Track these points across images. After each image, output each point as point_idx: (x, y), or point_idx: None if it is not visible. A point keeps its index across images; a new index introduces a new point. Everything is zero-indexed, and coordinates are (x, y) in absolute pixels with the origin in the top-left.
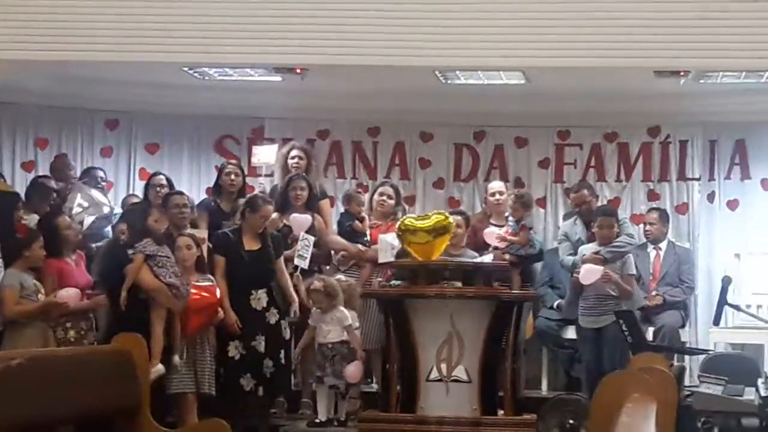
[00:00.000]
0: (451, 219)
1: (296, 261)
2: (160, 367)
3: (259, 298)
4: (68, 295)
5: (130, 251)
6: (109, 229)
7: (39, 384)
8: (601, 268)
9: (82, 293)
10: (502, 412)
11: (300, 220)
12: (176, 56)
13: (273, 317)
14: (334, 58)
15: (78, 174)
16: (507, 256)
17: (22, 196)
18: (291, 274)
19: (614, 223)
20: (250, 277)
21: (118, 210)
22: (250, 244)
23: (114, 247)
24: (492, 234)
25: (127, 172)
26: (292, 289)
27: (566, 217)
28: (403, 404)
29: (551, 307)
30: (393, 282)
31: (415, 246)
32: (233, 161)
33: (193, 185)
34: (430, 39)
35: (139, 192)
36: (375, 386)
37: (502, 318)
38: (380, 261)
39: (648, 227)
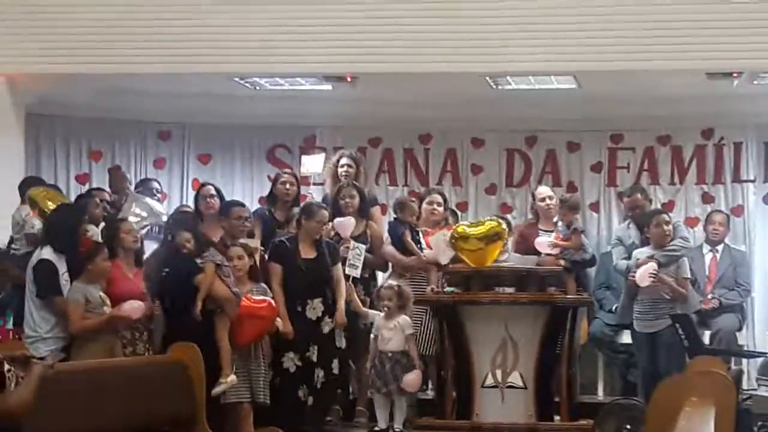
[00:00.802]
0: (504, 225)
1: (348, 270)
2: (233, 378)
3: (315, 308)
4: (131, 308)
5: (198, 260)
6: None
7: (96, 394)
8: (654, 264)
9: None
10: (558, 418)
11: (343, 223)
12: (228, 67)
13: (327, 326)
14: (385, 66)
15: (133, 186)
16: (562, 262)
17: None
18: None
19: (669, 222)
20: (307, 287)
21: None
22: (307, 253)
23: (176, 256)
24: (544, 243)
25: (180, 183)
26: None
27: (623, 220)
28: (458, 411)
29: (610, 310)
30: (446, 289)
31: (468, 253)
32: (288, 170)
33: (246, 195)
34: (480, 45)
35: (191, 203)
36: (430, 393)
37: (557, 323)
38: (443, 262)
39: (715, 229)
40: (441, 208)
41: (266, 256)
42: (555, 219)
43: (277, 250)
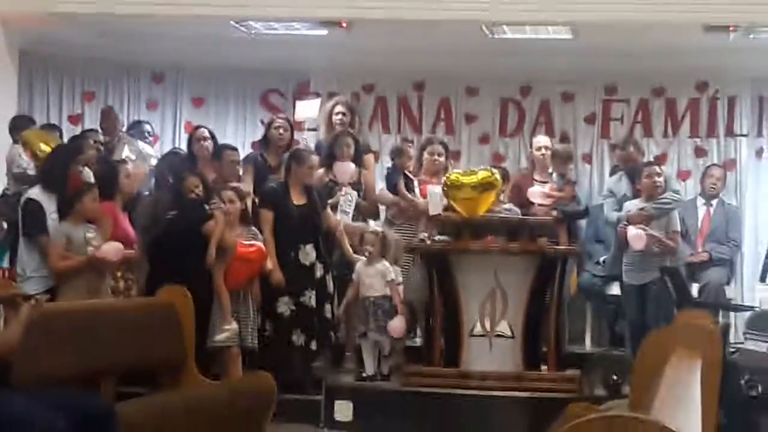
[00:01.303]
0: (498, 175)
1: (339, 215)
2: (235, 326)
3: (308, 253)
4: (109, 249)
5: (206, 207)
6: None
7: (84, 335)
8: (645, 234)
9: (131, 245)
10: (545, 367)
11: (345, 168)
12: (223, 10)
13: (319, 271)
14: (380, 12)
15: (125, 127)
16: (554, 213)
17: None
18: None
19: (660, 174)
20: (299, 232)
21: None
22: (298, 198)
23: (183, 200)
24: (537, 193)
25: (173, 125)
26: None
27: (612, 172)
28: (446, 359)
29: (597, 263)
30: (436, 237)
31: (461, 202)
32: (282, 115)
33: (239, 139)
34: None
35: (185, 145)
36: (418, 341)
37: (547, 274)
38: (431, 213)
39: (713, 184)
40: (442, 158)
41: (256, 201)
42: (550, 170)
43: (267, 195)
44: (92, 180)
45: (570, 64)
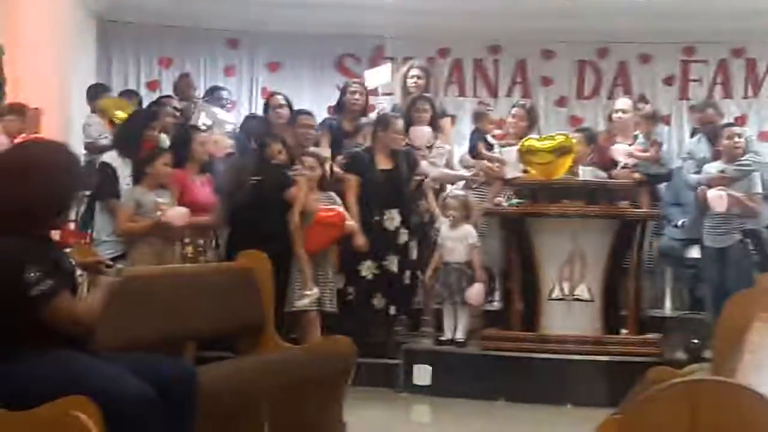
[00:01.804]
0: (575, 138)
1: (426, 168)
2: (316, 291)
3: (392, 218)
4: (174, 214)
5: (289, 172)
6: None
7: (165, 301)
8: (726, 195)
9: (203, 211)
10: (625, 331)
11: (421, 133)
12: None
13: (403, 237)
14: None
15: (201, 93)
16: (636, 175)
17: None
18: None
19: (740, 135)
20: (384, 197)
21: None
22: (383, 164)
23: (266, 165)
24: (620, 151)
25: (250, 91)
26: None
27: (692, 134)
28: (524, 323)
29: (676, 226)
30: (512, 201)
31: (537, 166)
32: (357, 80)
33: (314, 104)
34: None
35: (261, 111)
36: (496, 305)
37: (626, 237)
38: (508, 177)
39: None
40: (523, 123)
41: (335, 167)
42: (635, 132)
43: (353, 161)
44: (167, 146)
45: (648, 24)
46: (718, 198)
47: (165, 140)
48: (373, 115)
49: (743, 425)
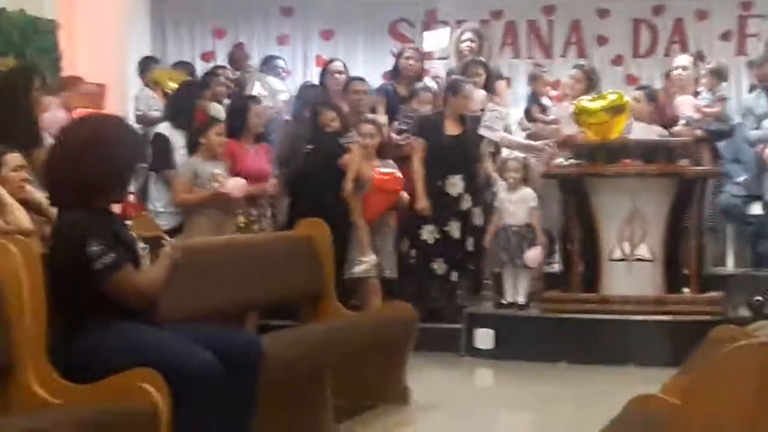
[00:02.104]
0: (629, 96)
1: (482, 131)
2: (373, 257)
3: (455, 184)
4: (233, 185)
5: (342, 140)
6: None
7: (225, 271)
8: None
9: (258, 180)
10: (687, 290)
11: (476, 96)
12: None
13: (466, 203)
14: None
15: (256, 63)
16: (698, 132)
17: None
18: None
19: None
20: (449, 162)
21: None
22: (452, 129)
23: (320, 133)
24: (687, 102)
25: (303, 59)
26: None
27: (750, 90)
28: (585, 284)
29: (737, 183)
30: (571, 161)
31: (593, 126)
32: (411, 45)
33: (369, 70)
34: None
35: (316, 80)
36: (557, 267)
37: (686, 195)
38: (566, 133)
39: None
40: (580, 85)
41: (391, 133)
42: (699, 89)
43: (422, 124)
44: (222, 116)
45: None
46: None
47: (219, 110)
48: (428, 80)
49: None
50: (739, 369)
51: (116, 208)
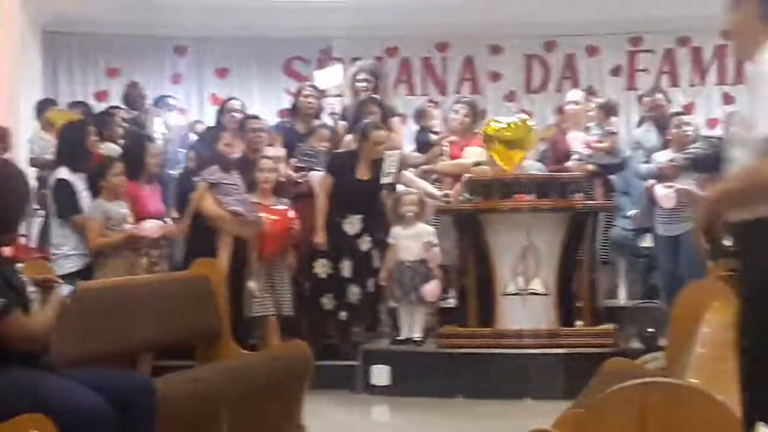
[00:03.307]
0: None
1: (383, 179)
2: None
3: (353, 223)
4: (150, 227)
5: (195, 179)
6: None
7: (119, 312)
8: (675, 192)
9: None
10: (580, 323)
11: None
12: None
13: (365, 244)
14: None
15: (151, 102)
16: (590, 167)
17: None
18: None
19: (689, 123)
20: (352, 202)
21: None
22: (363, 173)
23: (183, 175)
24: (577, 139)
25: (199, 98)
26: None
27: (639, 123)
28: (481, 319)
29: (627, 216)
30: (466, 196)
31: (499, 152)
32: (309, 83)
33: (264, 108)
34: None
35: (211, 118)
36: (452, 302)
37: (579, 229)
38: (460, 173)
39: (736, 130)
40: (468, 119)
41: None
42: (588, 124)
43: (334, 163)
44: (117, 155)
45: (593, 16)
46: (666, 197)
47: (115, 150)
48: (326, 117)
49: (691, 424)
50: (623, 407)
51: (6, 251)
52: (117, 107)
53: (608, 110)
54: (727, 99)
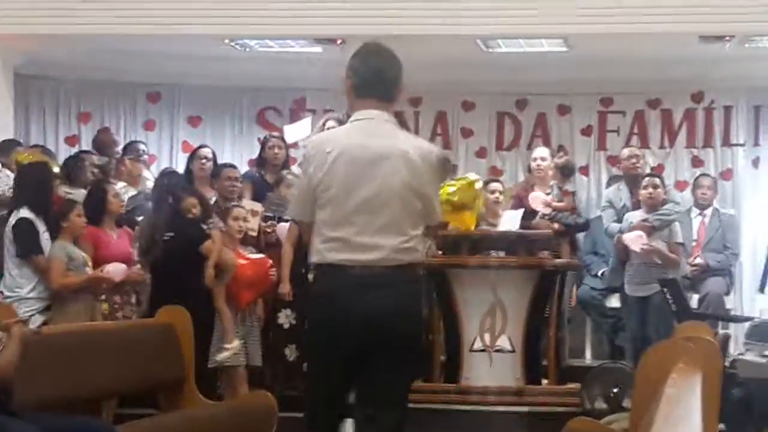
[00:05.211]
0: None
1: None
2: (236, 344)
3: None
4: (114, 270)
5: (204, 226)
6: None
7: (83, 357)
8: (644, 236)
9: (126, 264)
10: (546, 381)
11: None
12: (217, 29)
13: None
14: (374, 29)
15: (121, 148)
16: (555, 225)
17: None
18: None
19: (659, 186)
20: None
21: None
22: None
23: (181, 220)
24: (537, 198)
25: (170, 145)
26: None
27: (609, 183)
28: (446, 374)
29: (596, 275)
30: (434, 252)
31: (452, 216)
32: (276, 134)
33: (236, 157)
34: (470, 7)
35: (182, 165)
36: None
37: (546, 287)
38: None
39: (703, 193)
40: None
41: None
42: (551, 183)
43: None
44: (79, 199)
45: (565, 76)
46: (635, 238)
47: (77, 194)
48: (294, 168)
49: None
50: None
51: None
52: (87, 152)
53: (563, 170)
54: (696, 162)
